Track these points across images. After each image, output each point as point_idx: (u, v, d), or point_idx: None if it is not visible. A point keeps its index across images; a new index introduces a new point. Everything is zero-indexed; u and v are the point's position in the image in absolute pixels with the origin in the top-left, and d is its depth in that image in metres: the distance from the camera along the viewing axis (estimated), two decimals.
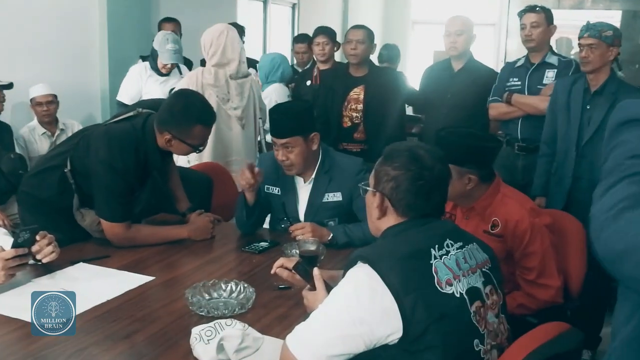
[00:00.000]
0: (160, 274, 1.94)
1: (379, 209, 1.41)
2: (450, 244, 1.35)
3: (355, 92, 3.50)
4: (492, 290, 1.39)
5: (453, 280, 1.29)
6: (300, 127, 2.24)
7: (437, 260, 1.29)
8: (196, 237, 2.30)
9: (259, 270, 2.00)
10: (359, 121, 3.49)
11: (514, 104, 3.18)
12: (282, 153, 2.26)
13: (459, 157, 1.94)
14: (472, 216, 2.08)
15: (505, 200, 2.03)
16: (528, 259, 2.00)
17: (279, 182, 2.40)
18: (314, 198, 2.38)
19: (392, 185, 1.38)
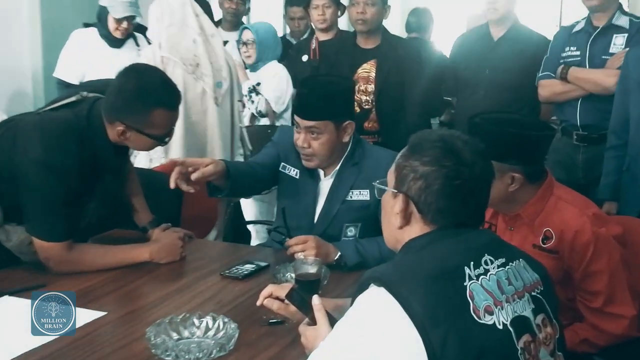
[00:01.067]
0: (114, 307, 1.93)
1: (401, 216, 1.41)
2: (490, 260, 1.35)
3: (364, 68, 3.51)
4: (545, 321, 1.38)
5: (494, 307, 1.29)
6: (334, 110, 2.29)
7: (473, 281, 1.29)
8: (161, 259, 2.30)
9: (243, 300, 2.00)
10: (370, 106, 3.51)
11: (572, 81, 3.18)
12: (304, 138, 2.30)
13: (498, 151, 1.93)
14: (518, 226, 2.09)
15: (561, 205, 2.03)
16: (592, 280, 2.00)
17: (299, 164, 2.44)
18: (335, 194, 2.40)
19: (420, 185, 1.38)
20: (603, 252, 1.98)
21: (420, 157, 1.40)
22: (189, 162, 2.24)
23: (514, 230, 2.10)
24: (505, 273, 1.36)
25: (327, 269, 2.10)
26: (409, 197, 1.40)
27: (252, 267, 2.24)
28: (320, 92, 2.31)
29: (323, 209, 2.41)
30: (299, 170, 2.45)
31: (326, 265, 2.14)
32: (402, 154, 1.45)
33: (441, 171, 1.37)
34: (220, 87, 3.27)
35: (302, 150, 2.33)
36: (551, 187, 2.07)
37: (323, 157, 2.34)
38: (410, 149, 1.44)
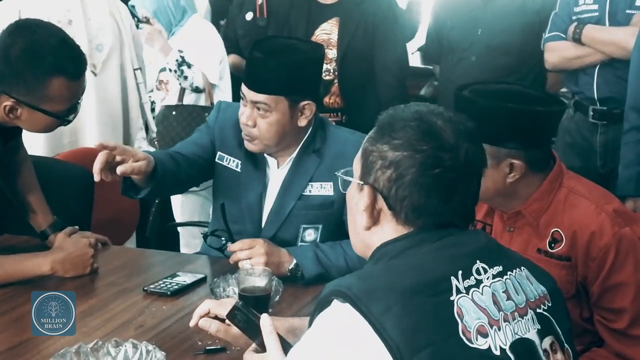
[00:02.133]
0: (3, 335, 1.91)
1: (368, 213, 1.41)
2: (483, 268, 1.35)
3: (324, 29, 3.53)
4: (554, 345, 1.39)
5: (488, 327, 1.29)
6: (290, 85, 2.29)
7: (462, 295, 1.29)
8: (65, 273, 2.29)
9: (173, 322, 2.01)
10: (331, 77, 3.53)
11: (587, 43, 3.22)
12: (249, 115, 2.30)
13: (494, 132, 1.94)
14: (519, 227, 2.11)
15: (573, 199, 2.05)
16: (614, 295, 2.01)
17: (242, 152, 2.43)
18: (289, 187, 2.41)
19: (389, 175, 1.38)
20: (628, 259, 1.98)
21: (390, 139, 1.39)
22: (120, 149, 2.20)
23: (515, 231, 2.11)
24: (502, 285, 1.36)
25: (280, 281, 2.12)
26: (376, 190, 1.40)
27: (184, 280, 2.25)
28: (276, 59, 2.30)
29: (274, 207, 2.42)
30: (240, 161, 2.45)
31: (278, 277, 2.15)
32: (370, 137, 1.45)
33: (415, 157, 1.36)
34: (100, 50, 3.23)
35: (245, 129, 2.34)
36: (560, 176, 2.08)
37: (269, 141, 2.34)
38: (378, 130, 1.43)
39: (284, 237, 2.40)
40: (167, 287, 2.20)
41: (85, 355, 1.72)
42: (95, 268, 2.34)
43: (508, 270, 1.39)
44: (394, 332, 1.20)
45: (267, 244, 2.24)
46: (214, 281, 2.15)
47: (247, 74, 2.35)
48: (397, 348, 1.19)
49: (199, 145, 2.50)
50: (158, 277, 2.26)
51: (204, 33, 3.92)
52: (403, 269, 1.32)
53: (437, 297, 1.27)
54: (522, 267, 1.44)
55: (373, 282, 1.29)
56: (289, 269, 2.25)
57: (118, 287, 2.24)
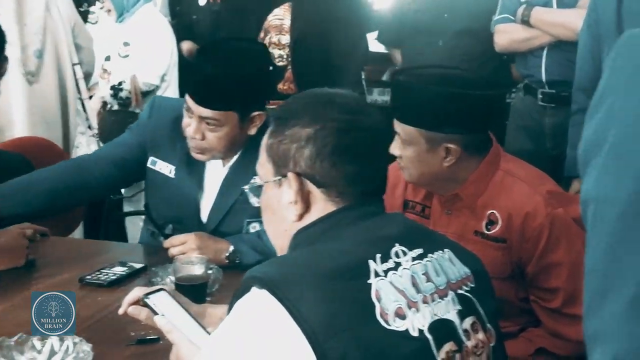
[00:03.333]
0: None
1: (299, 199, 1.40)
2: (403, 251, 1.36)
3: (276, 15, 3.50)
4: (476, 325, 1.39)
5: (407, 309, 1.29)
6: (243, 99, 2.23)
7: (381, 278, 1.30)
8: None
9: (107, 313, 1.98)
10: (284, 63, 3.51)
11: (535, 25, 3.21)
12: (197, 128, 2.23)
13: (429, 116, 1.95)
14: (457, 209, 2.11)
15: (509, 181, 2.06)
16: (548, 275, 2.03)
17: (177, 155, 2.36)
18: (231, 182, 2.36)
19: (309, 153, 1.38)
20: (561, 239, 2.01)
21: (296, 121, 1.40)
22: None
23: (452, 214, 2.12)
24: (423, 267, 1.37)
25: (219, 269, 2.11)
26: (300, 175, 1.39)
27: (123, 270, 2.23)
28: (228, 73, 2.20)
29: (215, 202, 2.37)
30: (174, 166, 2.38)
31: (218, 265, 2.14)
32: (270, 133, 1.45)
33: (330, 126, 1.37)
34: (39, 57, 3.16)
35: (192, 142, 2.26)
36: (497, 159, 2.09)
37: (219, 152, 2.30)
38: (278, 122, 1.44)
39: (228, 231, 2.36)
40: (105, 277, 2.17)
41: (8, 350, 1.69)
42: (30, 260, 2.29)
43: (429, 253, 1.39)
44: (310, 316, 1.20)
45: (199, 239, 2.20)
46: (152, 270, 2.13)
47: (195, 88, 2.23)
48: (313, 332, 1.19)
49: (125, 146, 2.44)
50: (97, 267, 2.23)
51: (154, 28, 3.85)
52: (320, 253, 1.33)
53: (354, 281, 1.27)
54: (446, 249, 1.44)
55: (290, 268, 1.30)
56: (226, 256, 2.22)
57: (54, 278, 2.21)
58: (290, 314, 1.21)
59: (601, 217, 0.85)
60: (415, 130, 1.98)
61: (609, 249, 0.85)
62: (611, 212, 0.83)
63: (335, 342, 1.20)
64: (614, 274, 0.84)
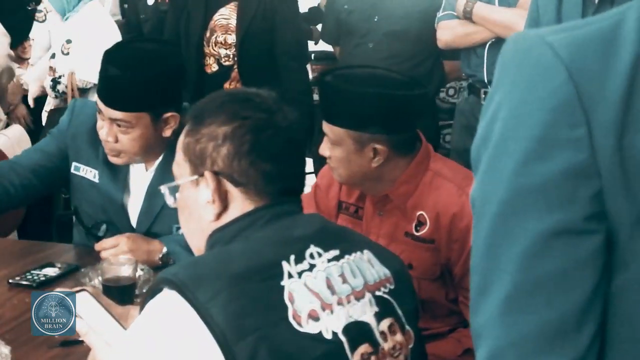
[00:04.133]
0: None
1: (216, 197, 1.37)
2: (318, 253, 1.35)
3: (222, 14, 3.47)
4: (394, 327, 1.39)
5: (321, 311, 1.29)
6: (152, 100, 2.19)
7: (294, 280, 1.29)
8: None
9: None
10: (231, 62, 3.48)
11: (477, 21, 3.21)
12: (109, 131, 2.20)
13: (355, 116, 1.96)
14: (388, 210, 2.11)
15: (437, 182, 2.06)
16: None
17: (100, 159, 2.33)
18: (156, 190, 2.31)
19: (226, 152, 1.37)
20: None
21: (213, 119, 1.39)
22: None
23: (384, 215, 2.12)
24: (339, 269, 1.36)
25: (150, 270, 2.09)
26: (218, 173, 1.37)
27: (55, 271, 2.19)
28: (134, 74, 2.18)
29: (142, 209, 2.34)
30: (97, 171, 2.35)
31: (151, 266, 2.12)
32: (187, 132, 1.43)
33: (246, 124, 1.37)
34: None
35: (106, 144, 2.24)
36: (427, 159, 2.09)
37: (134, 155, 2.26)
38: (194, 121, 1.42)
39: (158, 235, 2.32)
40: (34, 278, 2.14)
41: None
42: None
43: (346, 254, 1.39)
44: (219, 318, 1.20)
45: (131, 241, 2.17)
46: (82, 271, 2.10)
47: (102, 89, 2.21)
48: (223, 334, 1.19)
49: (44, 153, 2.41)
50: (27, 268, 2.20)
51: (96, 26, 3.79)
52: (234, 254, 1.32)
53: (267, 282, 1.27)
54: (365, 250, 1.43)
55: (202, 269, 1.29)
56: (159, 257, 2.20)
57: None
58: (200, 316, 1.20)
59: (481, 215, 0.85)
60: (343, 131, 1.99)
61: (486, 248, 0.85)
62: (489, 211, 0.84)
63: (245, 344, 1.19)
64: (492, 271, 0.85)
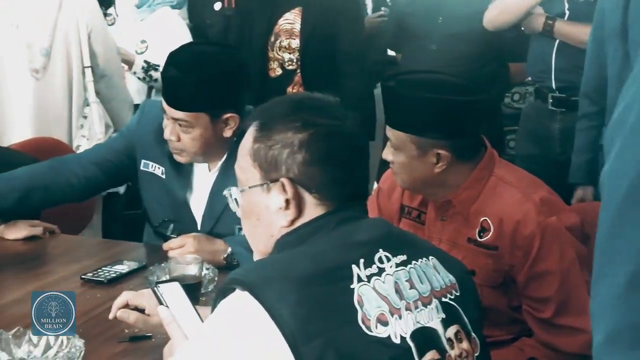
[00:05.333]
0: None
1: (293, 208, 1.38)
2: (386, 257, 1.35)
3: (287, 19, 3.51)
4: (460, 334, 1.38)
5: (389, 316, 1.28)
6: (211, 100, 2.25)
7: (363, 283, 1.29)
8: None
9: (104, 310, 1.99)
10: (294, 67, 3.52)
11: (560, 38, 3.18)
12: (172, 130, 2.28)
13: (417, 122, 1.95)
14: (451, 216, 2.10)
15: (501, 188, 2.04)
16: (539, 284, 2.00)
17: (166, 157, 2.40)
18: (218, 192, 2.36)
19: (303, 158, 1.37)
20: (552, 248, 1.97)
21: (285, 126, 1.38)
22: None
23: (447, 220, 2.11)
24: (406, 274, 1.35)
25: (215, 270, 2.12)
26: (293, 180, 1.37)
27: (124, 268, 2.25)
28: (193, 75, 2.24)
29: (206, 210, 2.40)
30: (164, 168, 2.42)
31: (215, 266, 2.16)
32: (256, 138, 1.42)
33: (320, 132, 1.37)
34: (45, 55, 3.20)
35: (170, 143, 2.31)
36: (491, 165, 2.07)
37: (195, 154, 2.32)
38: (264, 126, 1.41)
39: (221, 235, 2.37)
40: (105, 275, 2.20)
41: (7, 343, 1.72)
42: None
43: (413, 260, 1.38)
44: (289, 319, 1.20)
45: (196, 241, 2.22)
46: (149, 270, 2.15)
47: (165, 90, 2.31)
48: (293, 335, 1.19)
49: (112, 150, 2.50)
50: (99, 265, 2.26)
51: (172, 29, 3.88)
52: (301, 257, 1.32)
53: (335, 285, 1.27)
54: (431, 256, 1.43)
55: (270, 271, 1.29)
56: (224, 258, 2.24)
57: (57, 274, 2.25)
58: (271, 316, 1.20)
59: (610, 196, 0.85)
60: (405, 136, 1.98)
61: (612, 227, 0.85)
62: (619, 192, 0.83)
63: (313, 346, 1.19)
64: (616, 252, 0.84)
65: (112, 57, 3.47)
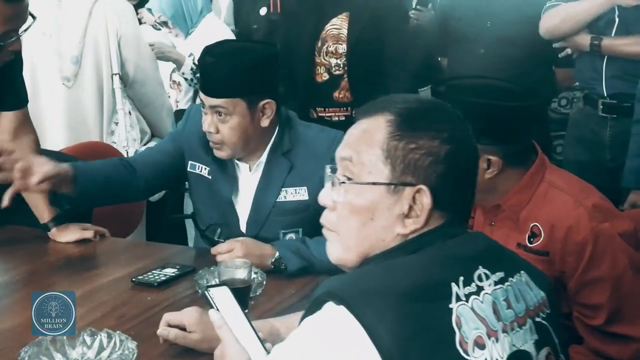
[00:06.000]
0: None
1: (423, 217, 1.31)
2: (485, 275, 1.29)
3: (334, 24, 3.51)
4: (550, 357, 1.34)
5: (486, 338, 1.23)
6: (246, 85, 2.27)
7: (462, 303, 1.23)
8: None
9: (155, 313, 2.01)
10: (341, 72, 3.52)
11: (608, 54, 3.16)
12: (210, 121, 2.30)
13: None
14: (500, 220, 2.09)
15: (552, 193, 2.02)
16: (591, 291, 1.98)
17: (211, 157, 2.42)
18: (263, 196, 2.40)
19: (443, 171, 1.30)
20: (605, 254, 1.95)
21: (433, 134, 1.31)
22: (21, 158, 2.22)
23: (495, 225, 2.09)
24: (504, 292, 1.30)
25: (263, 274, 2.12)
26: (431, 189, 1.30)
27: (173, 271, 2.26)
28: (228, 61, 2.27)
29: (250, 214, 2.41)
30: (209, 168, 2.44)
31: (262, 270, 2.16)
32: (394, 135, 1.32)
33: (460, 148, 1.33)
34: (75, 63, 3.23)
35: (209, 137, 2.32)
36: (542, 170, 2.05)
37: (235, 146, 2.32)
38: (404, 126, 1.32)
39: (266, 240, 2.38)
40: (155, 278, 2.21)
41: (61, 344, 1.74)
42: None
43: (509, 276, 1.33)
44: (387, 338, 1.15)
45: (244, 246, 2.23)
46: (199, 273, 2.15)
47: (202, 80, 2.35)
48: (390, 355, 1.14)
49: (163, 152, 2.53)
50: (149, 268, 2.28)
51: (217, 34, 3.91)
52: (400, 270, 1.25)
53: (434, 303, 1.21)
54: (522, 270, 1.38)
55: (369, 284, 1.23)
56: (271, 262, 2.25)
57: (108, 277, 2.27)
58: (368, 334, 1.15)
59: None
60: None
61: None
62: None
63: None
64: None
65: (144, 64, 3.48)
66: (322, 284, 1.26)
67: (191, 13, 3.87)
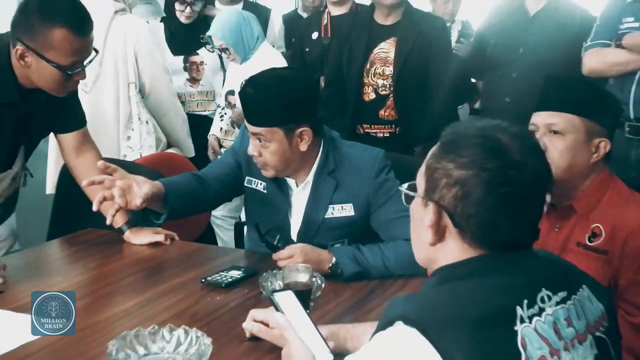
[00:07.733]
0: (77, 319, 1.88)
1: (433, 230, 1.30)
2: (548, 296, 1.25)
3: (382, 48, 3.51)
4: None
5: (549, 357, 1.20)
6: (280, 115, 2.24)
7: (526, 325, 1.20)
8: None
9: (224, 312, 2.02)
10: (387, 92, 3.51)
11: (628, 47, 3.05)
12: (254, 146, 2.28)
13: (586, 103, 1.93)
14: (567, 224, 2.04)
15: (617, 199, 2.00)
16: (638, 290, 1.96)
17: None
18: (312, 212, 2.38)
19: (455, 193, 1.27)
20: None
21: (455, 157, 1.27)
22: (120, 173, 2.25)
23: (561, 230, 2.05)
24: (565, 311, 1.26)
25: (322, 278, 2.09)
26: (442, 208, 1.28)
27: (239, 274, 2.24)
28: (265, 93, 2.23)
29: (301, 228, 2.39)
30: (265, 183, 2.41)
31: (320, 274, 2.13)
32: (434, 153, 1.33)
33: (482, 176, 1.24)
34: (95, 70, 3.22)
35: (254, 159, 2.31)
36: (611, 178, 2.04)
37: (276, 168, 2.30)
38: (442, 147, 1.31)
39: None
40: (223, 279, 2.18)
41: (144, 338, 1.73)
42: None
43: (572, 294, 1.29)
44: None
45: (304, 253, 2.20)
46: (263, 276, 2.12)
47: (243, 109, 2.32)
48: None
49: (226, 165, 2.51)
50: (216, 270, 2.26)
51: (270, 61, 3.90)
52: (469, 296, 1.22)
53: (502, 328, 1.18)
54: (584, 284, 1.33)
55: (440, 310, 1.19)
56: (329, 267, 2.21)
57: (179, 278, 2.25)
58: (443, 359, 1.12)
59: None
60: (577, 119, 1.95)
61: None
62: None
63: None
64: None
65: (158, 75, 3.50)
66: (393, 304, 1.24)
67: (249, 40, 3.87)
